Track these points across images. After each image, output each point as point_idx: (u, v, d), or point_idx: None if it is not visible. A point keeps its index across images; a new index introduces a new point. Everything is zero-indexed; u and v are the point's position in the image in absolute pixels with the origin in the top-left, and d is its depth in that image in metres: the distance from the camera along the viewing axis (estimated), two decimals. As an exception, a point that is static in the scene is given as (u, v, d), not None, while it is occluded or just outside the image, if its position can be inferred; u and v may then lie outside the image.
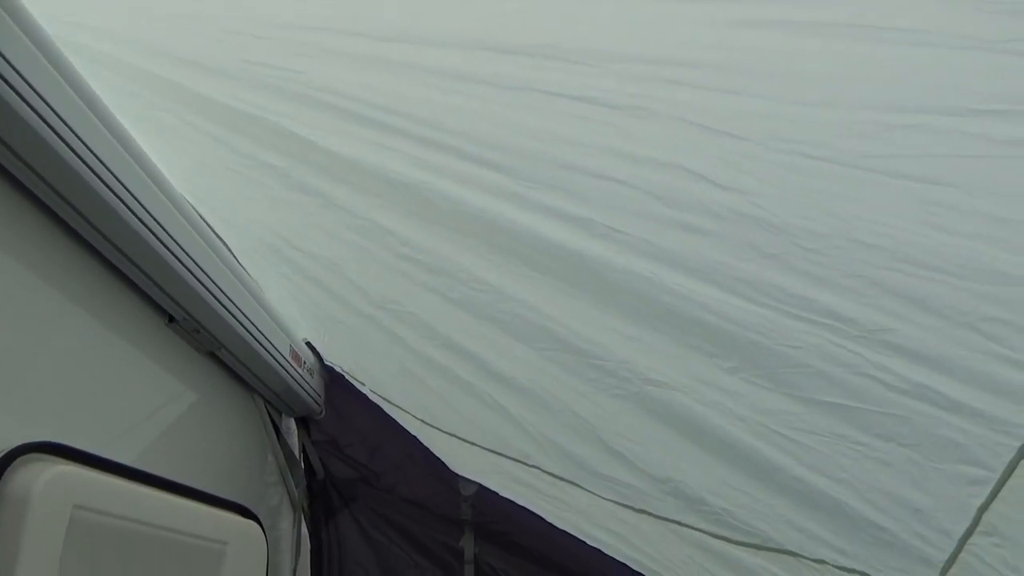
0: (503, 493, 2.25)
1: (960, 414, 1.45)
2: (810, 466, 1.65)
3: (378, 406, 2.37)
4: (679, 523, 1.91)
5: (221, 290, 1.84)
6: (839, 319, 1.39)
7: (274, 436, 2.35)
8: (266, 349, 2.08)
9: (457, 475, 2.30)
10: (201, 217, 1.85)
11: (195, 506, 1.52)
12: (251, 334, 1.99)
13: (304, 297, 2.09)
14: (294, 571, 2.25)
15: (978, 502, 1.57)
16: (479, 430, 2.09)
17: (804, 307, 1.39)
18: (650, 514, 1.94)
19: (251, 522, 1.72)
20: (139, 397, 1.68)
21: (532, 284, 1.59)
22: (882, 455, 1.56)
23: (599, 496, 1.98)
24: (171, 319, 1.80)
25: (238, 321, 1.92)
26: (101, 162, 1.36)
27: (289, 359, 2.23)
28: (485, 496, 2.27)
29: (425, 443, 2.32)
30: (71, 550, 1.15)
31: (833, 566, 1.81)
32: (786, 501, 1.74)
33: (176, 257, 1.66)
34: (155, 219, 1.58)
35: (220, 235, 1.99)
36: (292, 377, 2.25)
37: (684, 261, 1.41)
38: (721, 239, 1.35)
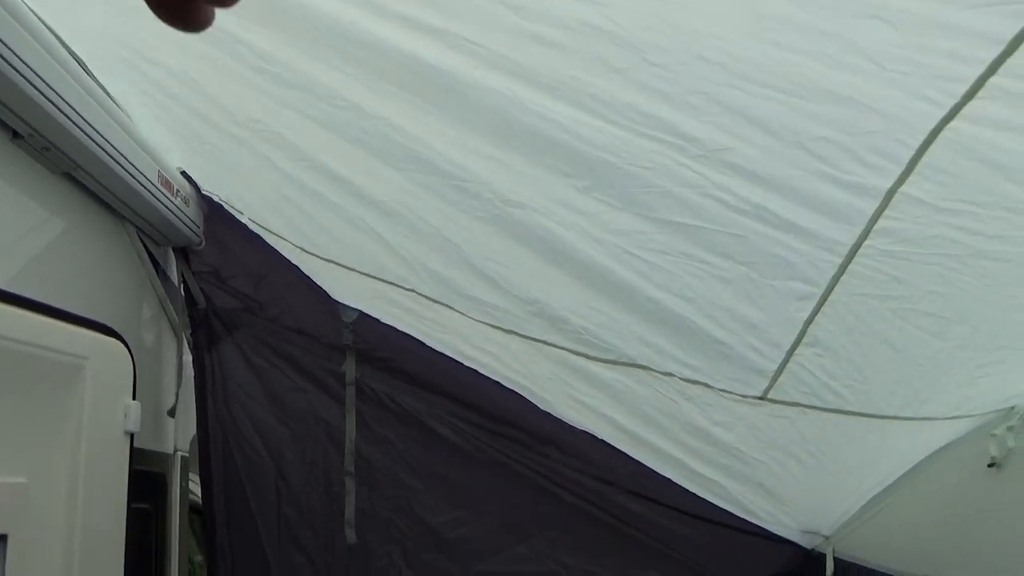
0: (384, 319, 2.32)
1: (790, 232, 1.55)
2: (660, 285, 1.76)
3: (259, 236, 2.35)
4: (544, 342, 2.03)
5: (69, 105, 1.74)
6: (684, 138, 1.43)
7: (150, 265, 2.31)
8: (130, 173, 2.00)
9: (338, 303, 2.34)
10: (45, 24, 1.71)
11: (47, 321, 1.51)
12: (110, 156, 1.90)
13: (168, 118, 1.99)
14: (177, 395, 2.29)
15: (804, 316, 1.72)
16: (357, 256, 2.11)
17: (652, 126, 1.43)
18: (518, 334, 2.05)
19: (114, 340, 1.73)
20: (-16, 215, 1.60)
21: (393, 101, 1.56)
22: (723, 273, 1.68)
23: (472, 318, 2.07)
24: (15, 134, 1.70)
25: (92, 140, 1.83)
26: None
27: (159, 186, 2.15)
28: (366, 322, 2.33)
29: (306, 272, 2.34)
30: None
31: (679, 378, 1.98)
32: (638, 319, 1.86)
33: (11, 65, 1.54)
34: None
35: (71, 48, 1.85)
36: (164, 205, 2.18)
37: (538, 77, 1.41)
38: (573, 53, 1.34)
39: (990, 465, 1.75)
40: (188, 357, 2.46)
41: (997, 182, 1.35)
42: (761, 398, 1.95)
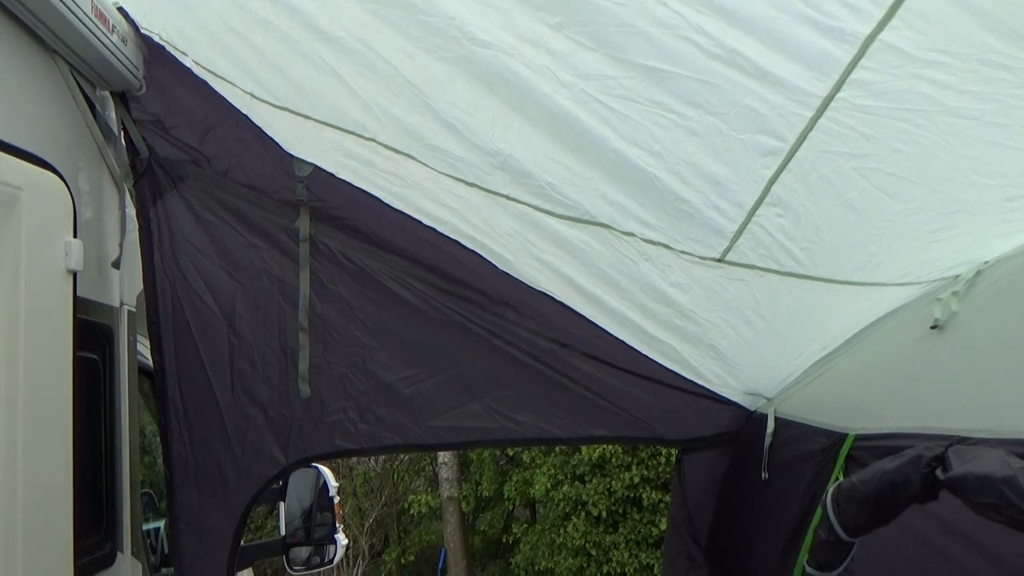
0: (340, 174, 2.23)
1: (764, 81, 1.51)
2: (626, 136, 1.71)
3: (206, 83, 2.21)
4: (507, 197, 1.98)
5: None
6: (663, -31, 1.35)
7: (87, 108, 2.15)
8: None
9: (292, 156, 2.24)
10: None
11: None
12: (35, -25, 1.72)
13: (98, -64, 1.81)
14: (120, 246, 2.20)
15: (769, 173, 1.70)
16: (312, 100, 2.00)
17: (630, -47, 1.34)
18: (481, 188, 1.99)
19: (51, 173, 1.62)
20: None
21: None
22: (691, 124, 1.64)
23: (434, 169, 2.00)
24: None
25: (14, -44, 1.65)
26: None
27: (92, 17, 1.98)
28: (321, 177, 2.25)
29: (257, 122, 2.22)
30: None
31: (640, 239, 1.97)
32: (602, 174, 1.82)
33: None
34: None
35: None
36: (98, 40, 2.02)
37: None
38: None
39: (933, 327, 1.80)
40: (132, 210, 2.36)
41: (974, 31, 1.32)
42: (719, 260, 1.96)
